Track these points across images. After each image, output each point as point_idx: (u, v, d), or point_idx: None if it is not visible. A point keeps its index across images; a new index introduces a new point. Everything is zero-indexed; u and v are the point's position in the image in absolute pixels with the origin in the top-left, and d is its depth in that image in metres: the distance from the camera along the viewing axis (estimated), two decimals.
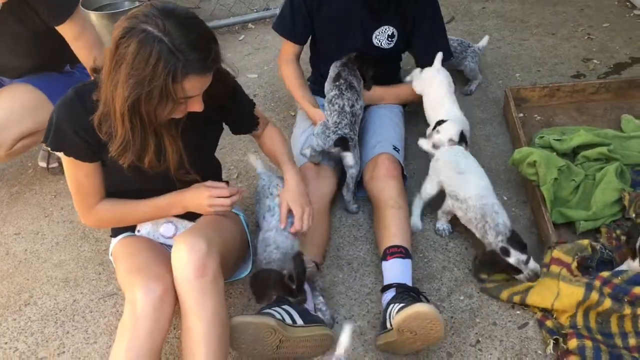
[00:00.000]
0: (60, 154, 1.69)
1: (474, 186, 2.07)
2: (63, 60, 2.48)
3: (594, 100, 2.82)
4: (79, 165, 1.71)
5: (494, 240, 1.96)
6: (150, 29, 1.40)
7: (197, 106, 1.58)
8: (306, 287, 1.95)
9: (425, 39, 2.50)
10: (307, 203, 1.94)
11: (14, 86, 2.40)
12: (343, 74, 2.35)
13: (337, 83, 2.33)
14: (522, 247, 1.94)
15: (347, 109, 2.28)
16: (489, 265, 2.02)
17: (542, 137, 2.50)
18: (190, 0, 3.95)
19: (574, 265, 1.92)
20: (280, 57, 2.63)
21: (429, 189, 2.26)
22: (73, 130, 1.63)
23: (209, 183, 1.82)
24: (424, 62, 2.58)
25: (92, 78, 1.68)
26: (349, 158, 2.25)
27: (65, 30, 2.25)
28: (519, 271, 1.95)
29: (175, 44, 1.41)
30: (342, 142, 2.22)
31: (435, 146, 2.26)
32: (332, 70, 2.39)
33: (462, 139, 2.24)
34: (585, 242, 1.99)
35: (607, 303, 1.80)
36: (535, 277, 1.96)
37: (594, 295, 1.81)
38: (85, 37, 2.28)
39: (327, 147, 2.23)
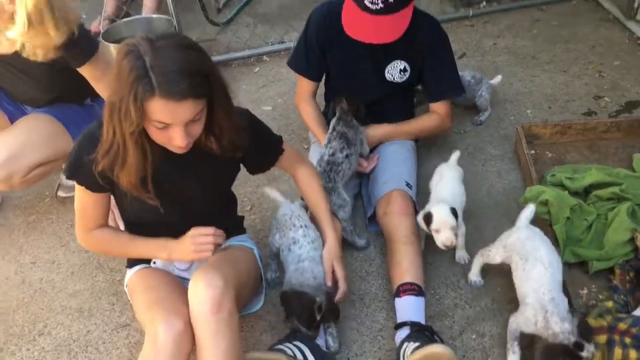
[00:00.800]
0: (73, 182, 1.76)
1: (534, 280, 1.87)
2: (83, 94, 2.54)
3: (605, 139, 2.83)
4: (88, 193, 1.77)
5: (560, 330, 1.75)
6: (138, 47, 1.47)
7: (177, 139, 1.56)
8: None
9: (435, 73, 2.53)
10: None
11: (33, 115, 2.47)
12: (337, 127, 2.42)
13: (329, 134, 2.42)
14: (590, 336, 1.77)
15: (325, 157, 2.35)
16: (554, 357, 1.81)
17: (554, 175, 2.51)
18: (207, 33, 4.03)
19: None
20: (297, 95, 2.68)
21: (492, 256, 2.10)
22: (90, 160, 1.68)
23: (194, 229, 1.82)
24: (434, 95, 2.61)
25: None
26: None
27: (85, 72, 2.31)
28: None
29: (152, 64, 1.45)
30: None
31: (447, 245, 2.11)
32: (330, 125, 2.47)
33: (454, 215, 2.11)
34: (610, 304, 1.93)
35: (633, 355, 1.77)
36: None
37: (618, 351, 1.77)
38: (107, 79, 2.27)
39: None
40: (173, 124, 1.53)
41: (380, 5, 2.18)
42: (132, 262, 1.99)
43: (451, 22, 4.11)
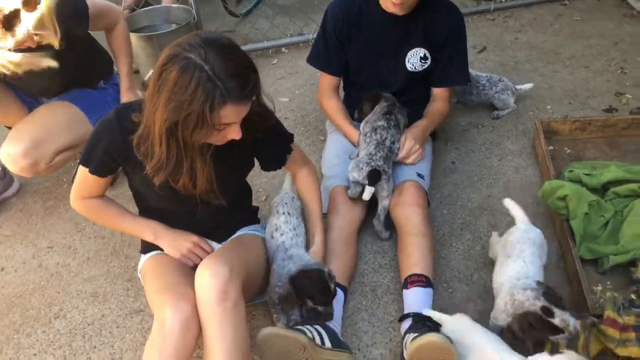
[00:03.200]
0: (84, 168, 1.78)
1: (513, 271, 1.88)
2: (94, 77, 2.58)
3: (625, 136, 2.79)
4: (94, 176, 1.80)
5: (525, 298, 1.74)
6: (193, 57, 1.43)
7: (234, 134, 1.60)
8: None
9: (447, 59, 2.50)
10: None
11: (52, 103, 2.49)
12: (393, 111, 2.40)
13: (388, 117, 2.38)
14: (561, 303, 1.72)
15: (387, 143, 2.32)
16: (527, 332, 1.74)
17: (572, 171, 2.48)
18: (225, 24, 4.04)
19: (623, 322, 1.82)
20: (319, 91, 2.67)
21: (492, 246, 2.19)
22: (105, 149, 1.71)
23: (200, 239, 1.95)
24: (441, 81, 2.57)
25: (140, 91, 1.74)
26: (380, 190, 2.28)
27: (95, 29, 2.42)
28: (559, 331, 1.68)
29: (215, 72, 1.44)
30: (374, 175, 2.24)
31: None
32: (381, 107, 2.42)
33: None
34: (616, 294, 1.91)
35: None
36: (576, 334, 1.71)
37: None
38: (104, 22, 2.48)
39: (361, 179, 2.26)
40: (235, 122, 1.57)
41: None
42: (146, 248, 2.01)
43: (472, 15, 4.08)
